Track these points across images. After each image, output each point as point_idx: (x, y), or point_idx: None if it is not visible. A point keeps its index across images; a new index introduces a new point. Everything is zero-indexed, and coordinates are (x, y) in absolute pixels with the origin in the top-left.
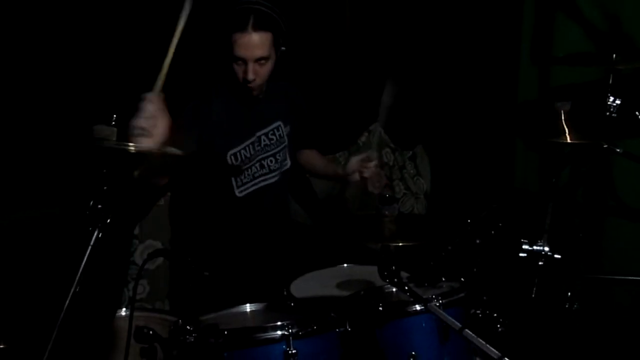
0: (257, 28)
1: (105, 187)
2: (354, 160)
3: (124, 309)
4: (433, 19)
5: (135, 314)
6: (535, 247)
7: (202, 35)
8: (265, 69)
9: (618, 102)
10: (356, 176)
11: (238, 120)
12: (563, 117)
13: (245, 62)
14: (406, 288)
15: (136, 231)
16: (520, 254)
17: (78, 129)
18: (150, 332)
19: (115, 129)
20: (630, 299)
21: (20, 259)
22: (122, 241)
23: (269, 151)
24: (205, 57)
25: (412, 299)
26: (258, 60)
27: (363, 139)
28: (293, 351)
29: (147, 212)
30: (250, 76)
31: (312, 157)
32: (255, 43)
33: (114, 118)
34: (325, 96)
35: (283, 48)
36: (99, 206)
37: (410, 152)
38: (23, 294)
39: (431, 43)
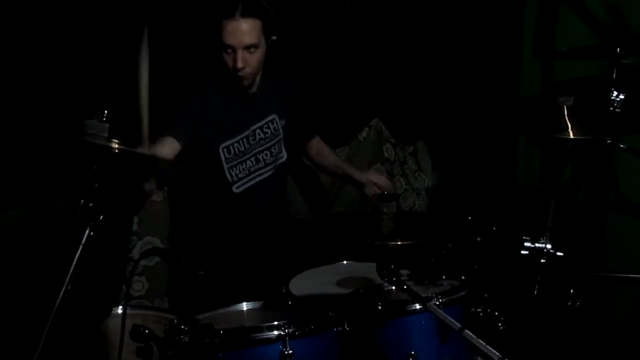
0: (245, 15)
1: (96, 185)
2: (374, 175)
3: (120, 307)
4: (434, 13)
5: (133, 312)
6: (537, 245)
7: (197, 28)
8: (255, 58)
9: (622, 96)
10: (372, 188)
11: (232, 113)
12: (566, 112)
13: (234, 50)
14: (405, 287)
15: (135, 228)
16: (522, 252)
17: (69, 124)
18: (146, 331)
19: (107, 125)
20: (632, 297)
21: (13, 256)
22: (118, 238)
23: (264, 145)
24: (203, 49)
25: (411, 298)
26: (247, 48)
27: (364, 134)
28: (289, 351)
29: (140, 207)
30: (240, 64)
31: (322, 152)
32: (243, 30)
33: (105, 114)
34: (325, 91)
35: (274, 37)
36: (90, 204)
37: (412, 148)
38: (17, 292)
39: (432, 37)
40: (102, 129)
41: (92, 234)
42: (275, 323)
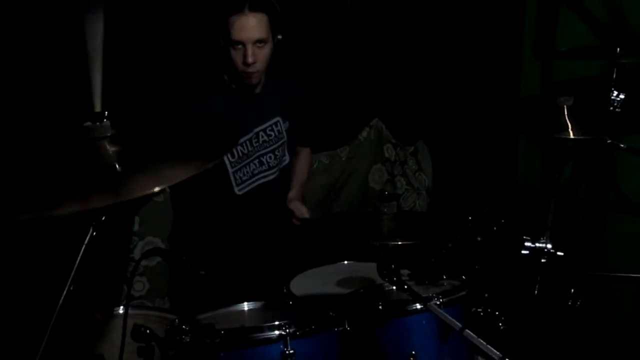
0: (253, 9)
1: None
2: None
3: (121, 307)
4: (434, 13)
5: (134, 312)
6: (537, 244)
7: (199, 27)
8: (264, 53)
9: (622, 96)
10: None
11: (236, 115)
12: (566, 112)
13: (243, 45)
14: (405, 287)
15: (136, 228)
16: (523, 251)
17: (70, 125)
18: (148, 330)
19: (108, 123)
20: (632, 297)
21: (15, 256)
22: (120, 238)
23: (267, 147)
24: (206, 51)
25: (411, 298)
26: (256, 42)
27: (364, 134)
28: (290, 351)
29: (141, 205)
30: (250, 59)
31: (297, 162)
32: (252, 24)
33: (106, 115)
34: (326, 91)
35: (280, 36)
36: None
37: (412, 148)
38: (20, 293)
39: (432, 37)
40: (104, 129)
41: (94, 234)
42: (276, 323)
